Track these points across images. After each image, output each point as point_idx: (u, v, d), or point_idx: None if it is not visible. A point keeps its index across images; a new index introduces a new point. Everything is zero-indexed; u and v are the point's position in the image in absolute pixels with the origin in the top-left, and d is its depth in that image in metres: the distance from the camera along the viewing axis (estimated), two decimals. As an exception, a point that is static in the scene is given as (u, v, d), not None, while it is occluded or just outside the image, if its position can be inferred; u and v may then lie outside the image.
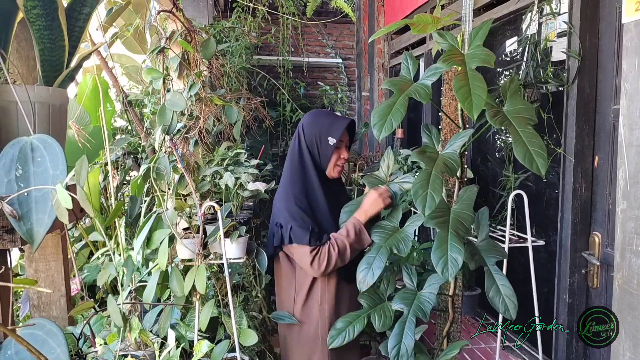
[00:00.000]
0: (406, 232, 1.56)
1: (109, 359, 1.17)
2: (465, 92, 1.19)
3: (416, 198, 1.21)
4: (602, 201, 1.61)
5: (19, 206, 0.75)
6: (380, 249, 1.52)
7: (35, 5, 0.83)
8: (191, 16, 2.65)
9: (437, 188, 1.21)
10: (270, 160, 4.01)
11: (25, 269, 1.01)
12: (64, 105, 0.93)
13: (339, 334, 1.59)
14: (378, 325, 1.57)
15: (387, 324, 1.56)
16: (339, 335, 1.58)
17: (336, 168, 1.86)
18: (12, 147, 0.79)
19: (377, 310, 1.61)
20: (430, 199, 1.20)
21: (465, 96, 1.18)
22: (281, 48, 4.25)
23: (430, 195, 1.20)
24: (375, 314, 1.59)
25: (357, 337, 1.60)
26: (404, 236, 1.55)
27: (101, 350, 1.18)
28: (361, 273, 1.51)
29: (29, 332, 0.70)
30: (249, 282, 1.97)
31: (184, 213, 1.69)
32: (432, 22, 1.43)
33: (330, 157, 1.82)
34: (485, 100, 1.20)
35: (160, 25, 1.87)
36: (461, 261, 1.25)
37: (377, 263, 1.49)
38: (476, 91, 1.19)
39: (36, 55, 0.86)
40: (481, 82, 1.22)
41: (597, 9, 1.59)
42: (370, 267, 1.50)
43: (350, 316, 1.62)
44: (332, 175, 1.87)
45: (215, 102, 1.92)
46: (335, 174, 1.87)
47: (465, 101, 1.17)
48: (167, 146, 1.65)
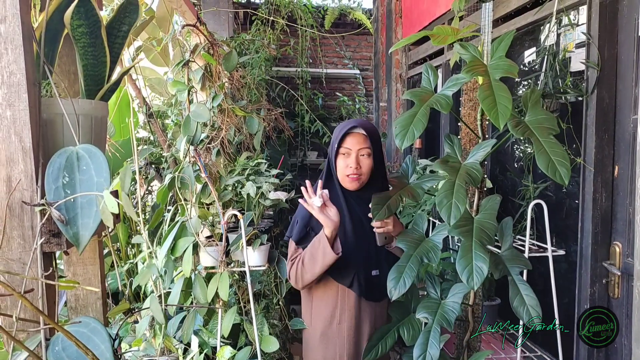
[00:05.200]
0: (434, 241, 1.53)
1: (151, 354, 1.22)
2: (490, 102, 1.21)
3: (441, 207, 1.22)
4: (622, 211, 1.61)
5: (66, 211, 0.80)
6: (410, 258, 1.48)
7: (81, 24, 0.89)
8: (212, 29, 2.72)
9: (461, 197, 1.22)
10: (289, 170, 4.06)
11: (64, 272, 1.06)
12: (105, 117, 0.98)
13: (372, 349, 1.59)
14: (407, 339, 1.54)
15: (415, 336, 1.52)
16: (372, 350, 1.59)
17: (346, 178, 1.69)
18: (59, 156, 0.84)
19: (405, 323, 1.60)
20: (455, 208, 1.21)
21: (491, 106, 1.20)
22: (300, 60, 4.32)
23: (455, 204, 1.21)
24: (404, 327, 1.58)
25: (387, 352, 1.59)
26: (432, 245, 1.51)
27: (143, 346, 1.23)
28: (391, 282, 1.45)
29: (75, 329, 0.74)
30: (270, 290, 2.00)
31: (207, 221, 1.73)
32: (452, 34, 1.45)
33: (335, 164, 1.71)
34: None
35: (184, 39, 1.94)
36: (486, 270, 1.25)
37: (408, 272, 1.45)
38: (501, 101, 1.21)
39: (79, 70, 0.92)
40: (506, 92, 1.23)
41: (615, 20, 1.60)
42: (401, 275, 1.45)
43: (381, 330, 1.62)
44: (346, 185, 1.72)
45: (236, 112, 1.97)
46: (348, 184, 1.71)
47: (492, 111, 1.19)
48: (191, 156, 1.70)
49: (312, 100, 4.43)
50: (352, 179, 1.68)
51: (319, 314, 1.75)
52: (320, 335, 1.74)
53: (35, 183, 0.85)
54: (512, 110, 1.36)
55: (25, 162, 0.86)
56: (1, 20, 0.84)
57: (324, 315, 1.74)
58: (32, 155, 0.86)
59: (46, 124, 0.91)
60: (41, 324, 0.78)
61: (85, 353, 0.64)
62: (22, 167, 0.86)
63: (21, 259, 0.85)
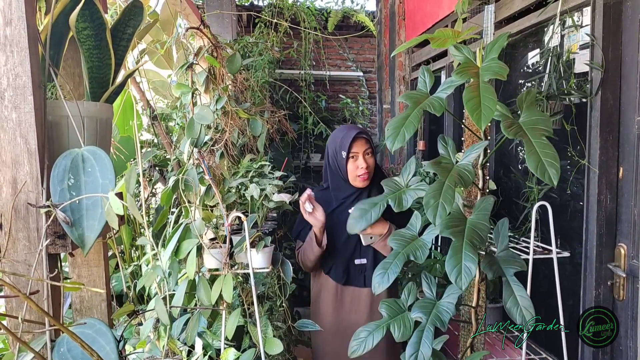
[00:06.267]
0: (424, 241, 1.57)
1: (156, 355, 1.22)
2: (475, 104, 1.20)
3: (427, 207, 1.22)
4: (627, 212, 1.61)
5: (71, 213, 0.80)
6: (397, 255, 1.52)
7: (86, 26, 0.89)
8: (216, 32, 2.72)
9: (448, 198, 1.22)
10: (293, 173, 4.06)
11: (69, 274, 1.06)
12: (109, 120, 0.99)
13: (360, 344, 1.60)
14: (398, 336, 1.57)
15: (406, 334, 1.56)
16: (360, 345, 1.59)
17: (358, 178, 1.97)
18: (64, 158, 0.84)
19: (397, 320, 1.61)
20: (442, 208, 1.21)
21: (474, 107, 1.20)
22: (303, 62, 4.32)
23: (442, 205, 1.21)
24: (395, 324, 1.60)
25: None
26: (421, 244, 1.55)
27: (148, 347, 1.23)
28: (377, 277, 1.52)
29: (80, 330, 0.75)
30: (274, 292, 2.00)
31: (211, 223, 1.73)
32: (452, 36, 1.45)
33: (346, 168, 1.97)
34: (500, 112, 1.21)
35: (187, 42, 1.94)
36: (475, 270, 1.25)
37: (393, 268, 1.50)
38: (486, 102, 1.21)
39: (84, 73, 0.92)
40: (492, 94, 1.23)
41: (619, 21, 1.60)
42: (386, 271, 1.51)
43: (370, 326, 1.63)
44: (357, 184, 1.99)
45: (240, 115, 1.97)
46: (359, 183, 1.99)
47: (474, 112, 1.19)
48: (195, 158, 1.70)
49: (316, 102, 4.43)
50: (363, 178, 1.97)
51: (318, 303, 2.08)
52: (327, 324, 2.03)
53: (41, 185, 0.86)
54: (509, 111, 1.36)
55: (30, 164, 0.86)
56: (7, 23, 0.84)
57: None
58: (38, 157, 0.86)
59: (51, 126, 0.91)
60: (46, 325, 0.78)
61: (90, 354, 0.64)
62: (27, 169, 0.86)
63: (26, 260, 0.86)
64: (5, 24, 0.84)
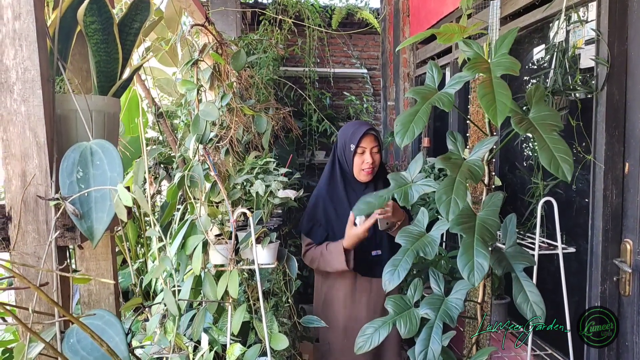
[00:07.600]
0: (433, 237, 1.56)
1: (165, 345, 1.23)
2: (489, 99, 1.20)
3: (440, 203, 1.22)
4: (633, 208, 1.60)
5: (80, 206, 0.81)
6: (406, 252, 1.51)
7: (94, 20, 0.90)
8: (220, 29, 2.73)
9: (460, 194, 1.22)
10: (298, 170, 4.07)
11: (77, 268, 1.07)
12: (117, 114, 0.99)
13: (366, 340, 1.60)
14: (404, 332, 1.57)
15: (412, 330, 1.56)
16: (366, 341, 1.60)
17: (362, 172, 2.07)
18: (73, 151, 0.85)
19: (403, 316, 1.61)
20: (454, 204, 1.21)
21: (489, 103, 1.19)
22: (307, 59, 4.32)
23: (454, 201, 1.21)
24: (402, 320, 1.60)
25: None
26: (430, 240, 1.55)
27: (157, 337, 1.24)
28: (387, 274, 1.52)
29: (90, 321, 0.75)
30: (279, 288, 2.01)
31: (217, 220, 1.74)
32: (459, 31, 1.45)
33: (353, 161, 2.07)
34: (510, 107, 1.21)
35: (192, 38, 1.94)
36: (487, 266, 1.25)
37: (403, 265, 1.50)
38: (500, 98, 1.20)
39: (92, 67, 0.93)
40: (505, 89, 1.23)
41: (625, 16, 1.59)
42: (396, 268, 1.50)
43: (376, 322, 1.63)
44: (360, 178, 2.10)
45: (245, 112, 1.97)
46: (363, 177, 2.09)
47: (490, 108, 1.18)
48: (201, 155, 1.71)
49: (320, 99, 4.44)
50: (368, 172, 2.07)
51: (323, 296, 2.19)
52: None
53: (50, 178, 0.87)
54: (518, 107, 1.36)
55: (39, 157, 0.87)
56: (16, 17, 0.85)
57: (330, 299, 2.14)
58: (47, 150, 0.87)
59: (60, 120, 0.92)
60: (56, 316, 0.79)
61: (99, 345, 0.65)
62: (36, 162, 0.87)
63: (36, 252, 0.86)
64: (14, 18, 0.85)
